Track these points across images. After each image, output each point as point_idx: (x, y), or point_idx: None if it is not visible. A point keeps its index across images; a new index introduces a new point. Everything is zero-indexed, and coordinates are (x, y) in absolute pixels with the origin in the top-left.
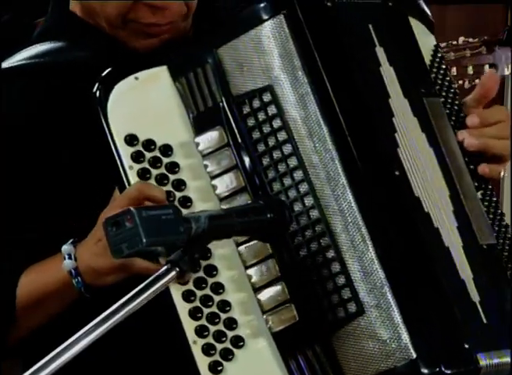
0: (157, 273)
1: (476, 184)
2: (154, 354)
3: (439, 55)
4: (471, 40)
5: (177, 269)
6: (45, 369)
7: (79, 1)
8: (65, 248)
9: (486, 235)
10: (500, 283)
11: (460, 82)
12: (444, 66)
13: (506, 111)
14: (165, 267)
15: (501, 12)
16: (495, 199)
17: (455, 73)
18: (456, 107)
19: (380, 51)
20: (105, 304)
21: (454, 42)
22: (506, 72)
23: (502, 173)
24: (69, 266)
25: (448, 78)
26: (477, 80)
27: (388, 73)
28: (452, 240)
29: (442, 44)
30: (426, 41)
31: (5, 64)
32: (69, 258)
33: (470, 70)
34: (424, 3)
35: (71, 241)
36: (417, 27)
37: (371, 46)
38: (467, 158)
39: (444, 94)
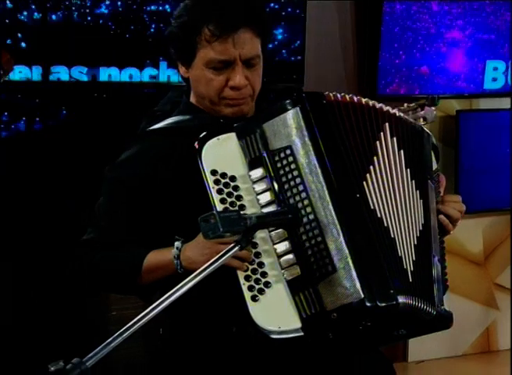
0: (227, 248)
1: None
2: (220, 299)
3: (437, 171)
4: (411, 105)
5: (239, 246)
6: (161, 305)
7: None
8: (176, 243)
9: (437, 253)
10: (431, 268)
11: None
12: (437, 176)
13: (459, 198)
14: (232, 245)
15: None
16: (442, 245)
17: None
18: (438, 196)
19: (391, 140)
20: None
21: (402, 107)
22: (431, 120)
23: (452, 231)
24: (174, 253)
25: (438, 180)
26: None
27: (390, 150)
28: (404, 239)
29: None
30: (434, 160)
31: (156, 126)
32: (177, 248)
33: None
34: None
35: (181, 240)
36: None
37: (377, 131)
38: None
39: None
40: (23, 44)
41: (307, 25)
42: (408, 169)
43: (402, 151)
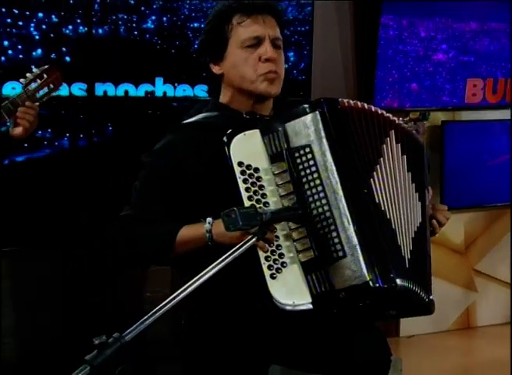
0: (246, 239)
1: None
2: (245, 278)
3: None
4: (405, 119)
5: (256, 237)
6: (190, 288)
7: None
8: (208, 218)
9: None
10: (426, 259)
11: None
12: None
13: (446, 207)
14: (250, 236)
15: None
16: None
17: None
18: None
19: (396, 145)
20: (218, 253)
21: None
22: (422, 132)
23: (438, 234)
24: (206, 227)
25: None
26: None
27: (395, 154)
28: (403, 231)
29: None
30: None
31: (187, 120)
32: (209, 223)
33: None
34: None
35: (212, 217)
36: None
37: (384, 136)
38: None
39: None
40: (68, 59)
41: (314, 49)
42: (410, 173)
43: (405, 157)
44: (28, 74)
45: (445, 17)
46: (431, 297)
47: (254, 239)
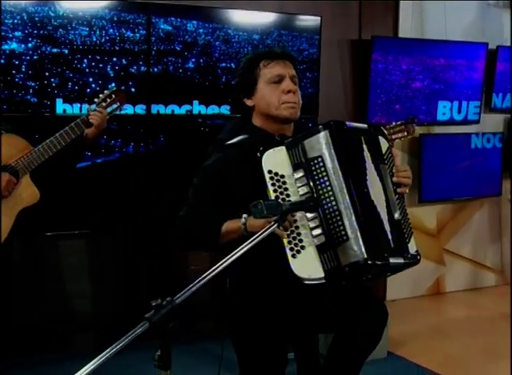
0: (269, 225)
1: (396, 196)
2: (270, 258)
3: (389, 150)
4: (398, 123)
5: (277, 223)
6: (225, 263)
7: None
8: (244, 215)
9: (396, 213)
10: (402, 234)
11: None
12: (391, 154)
13: (407, 167)
14: (272, 223)
15: None
16: (403, 201)
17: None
18: (393, 169)
19: (367, 151)
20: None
21: (392, 124)
22: (412, 133)
23: (407, 191)
24: (242, 222)
25: (391, 158)
26: (403, 139)
27: (367, 156)
28: (384, 212)
29: (389, 125)
30: (384, 145)
31: (229, 141)
32: (244, 218)
33: (400, 135)
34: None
35: (246, 214)
36: (382, 140)
37: (361, 144)
38: (393, 186)
39: (388, 164)
40: (132, 89)
41: (321, 79)
42: (373, 165)
43: (369, 153)
44: (101, 95)
45: (421, 54)
46: (411, 256)
47: (275, 225)
